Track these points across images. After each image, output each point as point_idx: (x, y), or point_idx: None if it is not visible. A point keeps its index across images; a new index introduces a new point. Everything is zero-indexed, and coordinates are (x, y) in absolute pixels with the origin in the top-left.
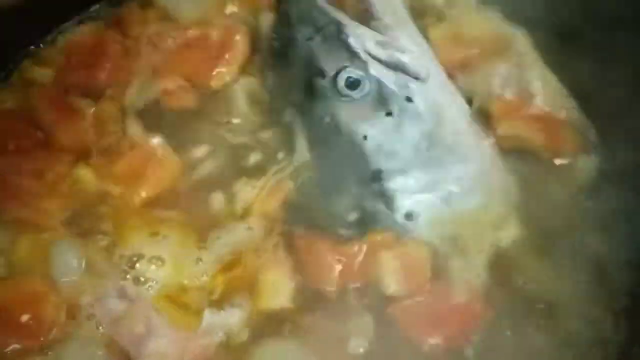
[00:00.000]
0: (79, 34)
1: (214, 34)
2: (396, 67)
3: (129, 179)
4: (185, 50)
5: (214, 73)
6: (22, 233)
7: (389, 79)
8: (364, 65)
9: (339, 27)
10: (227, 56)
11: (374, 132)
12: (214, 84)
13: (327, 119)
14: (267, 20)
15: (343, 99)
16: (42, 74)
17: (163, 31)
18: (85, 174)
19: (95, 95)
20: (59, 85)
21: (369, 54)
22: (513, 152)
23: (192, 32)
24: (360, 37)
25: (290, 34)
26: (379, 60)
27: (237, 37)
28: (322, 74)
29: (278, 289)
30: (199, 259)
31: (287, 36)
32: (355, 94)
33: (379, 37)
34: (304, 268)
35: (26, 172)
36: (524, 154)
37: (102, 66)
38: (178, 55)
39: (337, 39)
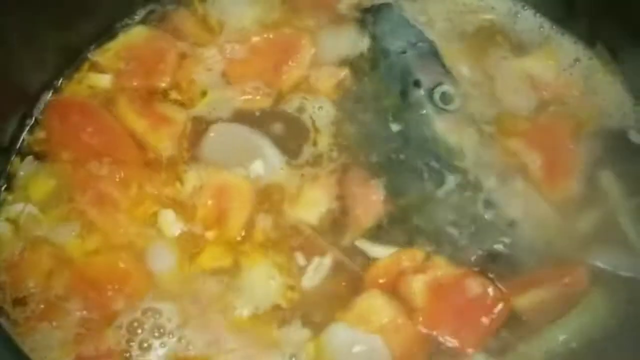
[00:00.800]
0: (133, 38)
1: (279, 40)
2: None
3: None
4: (251, 56)
5: (284, 77)
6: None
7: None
8: (456, 83)
9: (431, 45)
10: (293, 59)
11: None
12: (285, 86)
13: (422, 126)
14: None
15: (438, 110)
16: (102, 78)
17: (228, 39)
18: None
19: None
20: (120, 91)
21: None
22: None
23: (255, 39)
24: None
25: (382, 47)
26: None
27: (303, 42)
28: (418, 84)
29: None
30: None
31: (379, 48)
32: (449, 107)
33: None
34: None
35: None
36: None
37: (161, 71)
38: (244, 62)
39: (433, 55)
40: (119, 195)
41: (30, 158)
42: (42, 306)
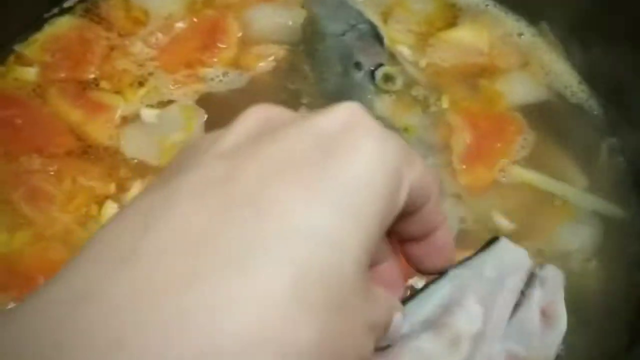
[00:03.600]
0: (59, 29)
1: (203, 23)
2: None
3: None
4: (178, 43)
5: (214, 60)
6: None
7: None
8: (397, 63)
9: (371, 26)
10: (221, 41)
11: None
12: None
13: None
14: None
15: (380, 91)
16: (28, 71)
17: (154, 28)
18: None
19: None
20: (47, 83)
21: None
22: None
23: (179, 26)
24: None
25: (319, 29)
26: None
27: (228, 21)
28: (359, 66)
29: None
30: None
31: (317, 31)
32: (391, 88)
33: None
34: None
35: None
36: None
37: (88, 62)
38: (171, 49)
39: (373, 37)
40: (52, 189)
41: None
42: None
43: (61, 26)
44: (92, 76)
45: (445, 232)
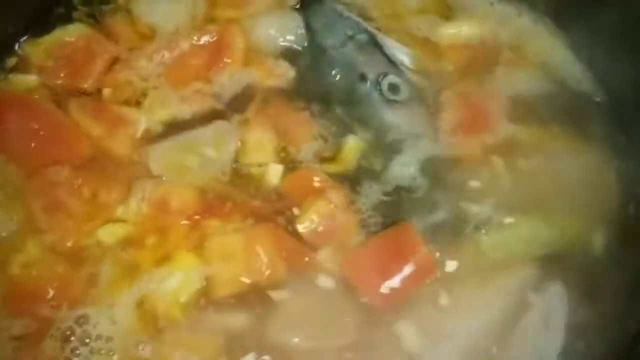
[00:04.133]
0: (67, 36)
1: (207, 40)
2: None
3: None
4: (184, 60)
5: (221, 76)
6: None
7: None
8: (401, 73)
9: (370, 36)
10: (227, 55)
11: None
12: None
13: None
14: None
15: (388, 102)
16: (28, 78)
17: (159, 45)
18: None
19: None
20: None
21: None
22: None
23: (185, 43)
24: (391, 47)
25: (319, 43)
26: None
27: (232, 35)
28: (364, 78)
29: None
30: None
31: (316, 44)
32: (398, 97)
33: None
34: None
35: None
36: None
37: (87, 74)
38: (177, 66)
39: (373, 46)
40: (73, 202)
41: None
42: None
43: (69, 33)
44: (85, 86)
45: None
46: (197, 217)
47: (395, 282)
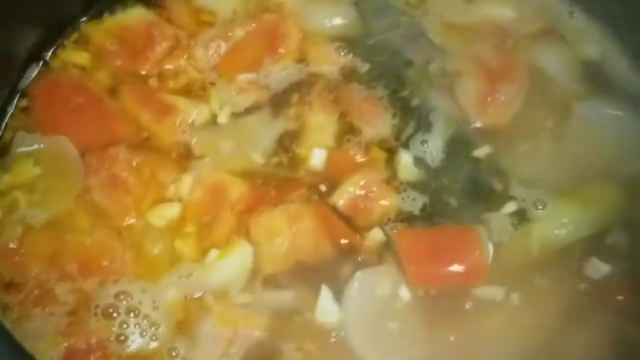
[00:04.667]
0: (129, 19)
1: (262, 28)
2: None
3: None
4: (239, 49)
5: (276, 67)
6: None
7: None
8: (446, 56)
9: (414, 22)
10: (282, 46)
11: None
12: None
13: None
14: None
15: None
16: (82, 56)
17: (215, 34)
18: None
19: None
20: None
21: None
22: None
23: (238, 32)
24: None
25: (368, 30)
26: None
27: (288, 26)
28: (410, 65)
29: None
30: None
31: (366, 31)
32: (443, 81)
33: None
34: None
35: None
36: None
37: (145, 59)
38: (233, 55)
39: (419, 33)
40: (132, 180)
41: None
42: (36, 292)
43: (131, 16)
44: (143, 72)
45: None
46: (246, 207)
47: (444, 270)
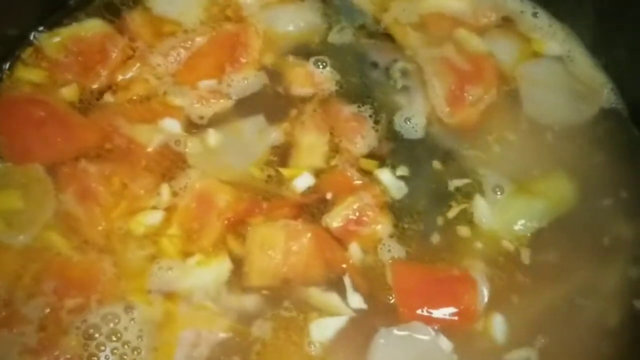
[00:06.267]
0: (83, 31)
1: (223, 37)
2: None
3: None
4: (199, 58)
5: (237, 75)
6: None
7: None
8: (409, 58)
9: (377, 24)
10: (243, 55)
11: None
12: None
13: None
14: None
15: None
16: (36, 73)
17: (176, 43)
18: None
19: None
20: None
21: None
22: None
23: (199, 40)
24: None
25: (331, 32)
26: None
27: (249, 34)
28: (376, 66)
29: None
30: None
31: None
32: (409, 83)
33: None
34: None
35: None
36: None
37: (97, 72)
38: (193, 63)
39: (381, 34)
40: (102, 191)
41: None
42: (3, 313)
43: (85, 28)
44: (94, 86)
45: None
46: (233, 218)
47: (434, 311)
